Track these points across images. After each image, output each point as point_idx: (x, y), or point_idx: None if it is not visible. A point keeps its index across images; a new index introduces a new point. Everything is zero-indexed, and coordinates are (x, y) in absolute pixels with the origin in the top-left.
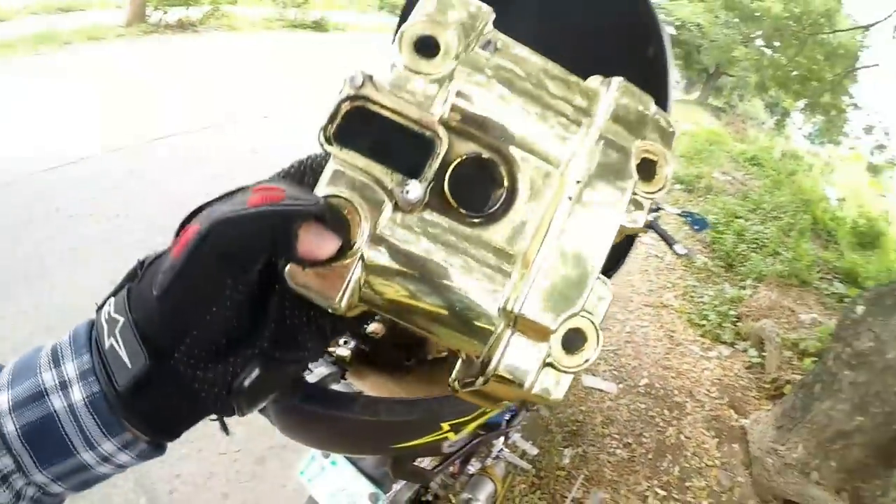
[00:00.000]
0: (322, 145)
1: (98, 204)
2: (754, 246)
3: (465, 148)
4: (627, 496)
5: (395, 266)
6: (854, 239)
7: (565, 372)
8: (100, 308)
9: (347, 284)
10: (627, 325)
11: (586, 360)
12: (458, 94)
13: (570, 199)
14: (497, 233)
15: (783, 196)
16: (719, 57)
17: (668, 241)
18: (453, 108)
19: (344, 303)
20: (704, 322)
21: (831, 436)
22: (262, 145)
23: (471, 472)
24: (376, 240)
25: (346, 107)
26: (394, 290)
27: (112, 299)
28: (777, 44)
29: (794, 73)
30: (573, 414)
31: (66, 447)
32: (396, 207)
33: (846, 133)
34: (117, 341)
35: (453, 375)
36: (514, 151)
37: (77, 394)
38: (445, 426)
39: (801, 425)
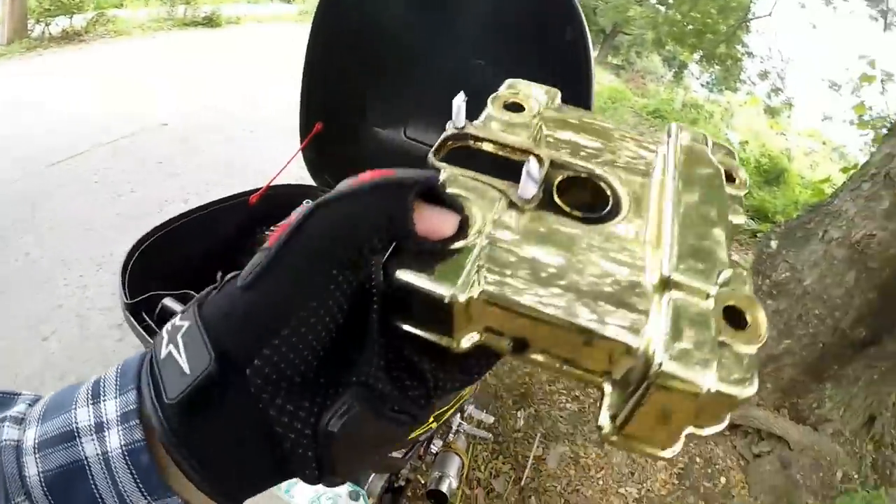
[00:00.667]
0: (431, 164)
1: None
2: None
3: (561, 174)
4: (585, 445)
5: (517, 259)
6: (759, 177)
7: (745, 354)
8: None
9: (467, 274)
10: None
11: (760, 337)
12: (547, 133)
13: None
14: (615, 227)
15: None
16: (615, 17)
17: None
18: (547, 142)
19: (463, 297)
20: None
21: (763, 360)
22: (165, 155)
23: (435, 452)
24: (498, 225)
25: (450, 144)
26: (519, 290)
27: (178, 316)
28: (671, 0)
29: (689, 27)
30: (519, 377)
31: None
32: (511, 205)
33: (743, 80)
34: (177, 347)
35: (605, 413)
36: (606, 173)
37: (114, 440)
38: (430, 418)
39: None
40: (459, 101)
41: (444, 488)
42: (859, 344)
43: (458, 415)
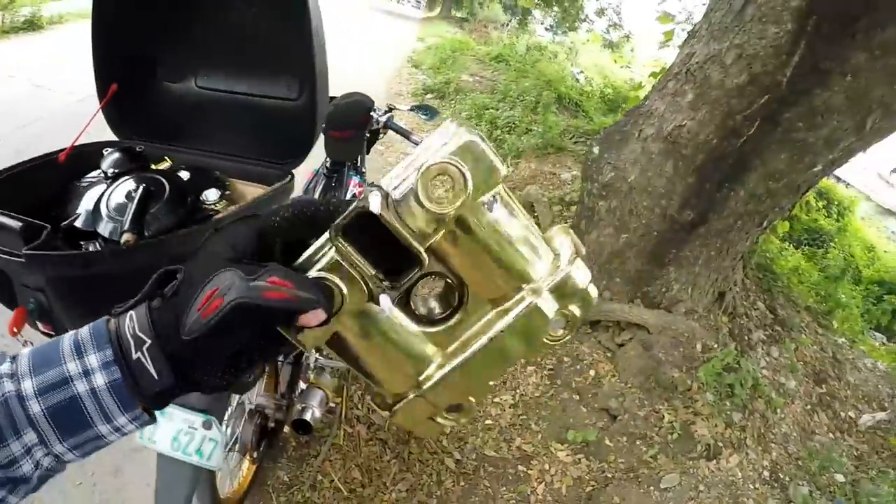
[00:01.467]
0: (332, 237)
1: None
2: (507, 129)
3: (437, 267)
4: None
5: (359, 336)
6: (603, 106)
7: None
8: (119, 314)
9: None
10: None
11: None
12: (452, 234)
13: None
14: (434, 331)
15: (528, 82)
16: None
17: (405, 134)
18: (443, 241)
19: (311, 346)
20: None
21: (607, 257)
22: None
23: (300, 391)
24: (350, 316)
25: (359, 213)
26: (349, 349)
27: (133, 314)
28: None
29: None
30: None
31: (86, 422)
32: (370, 299)
33: (582, 19)
34: (145, 357)
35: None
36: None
37: (100, 380)
38: None
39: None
40: (376, 196)
41: (307, 416)
42: (689, 226)
43: (314, 353)
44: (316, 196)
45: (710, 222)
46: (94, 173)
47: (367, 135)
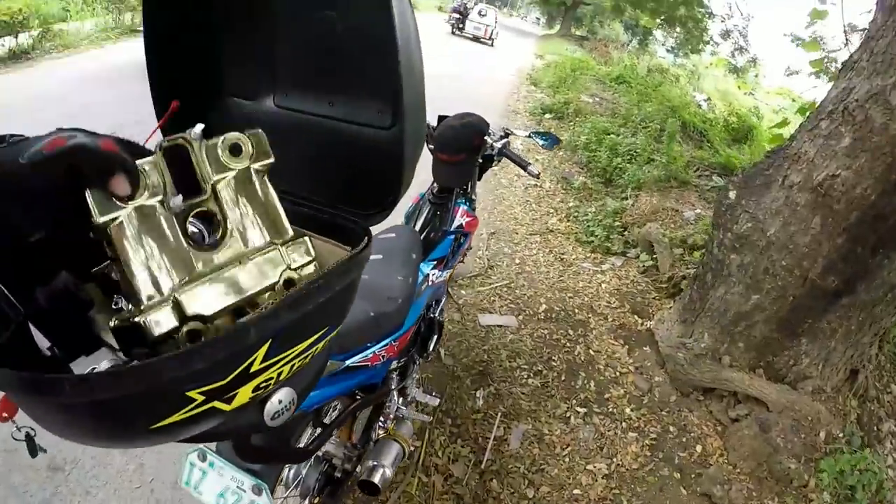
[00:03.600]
0: (156, 148)
1: None
2: (628, 157)
3: (213, 206)
4: (549, 421)
5: (137, 230)
6: (727, 136)
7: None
8: None
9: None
10: (516, 256)
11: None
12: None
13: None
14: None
15: (651, 107)
16: None
17: (521, 164)
18: (225, 187)
19: (102, 220)
20: (592, 238)
21: (733, 319)
22: None
23: (375, 439)
24: (142, 209)
25: (177, 141)
26: (125, 241)
27: None
28: None
29: None
30: (477, 355)
31: None
32: (161, 204)
33: (706, 41)
34: None
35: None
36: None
37: None
38: (196, 395)
39: (702, 315)
40: (198, 130)
41: (376, 479)
42: (832, 294)
43: (399, 399)
44: (418, 225)
45: (857, 293)
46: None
47: (480, 160)
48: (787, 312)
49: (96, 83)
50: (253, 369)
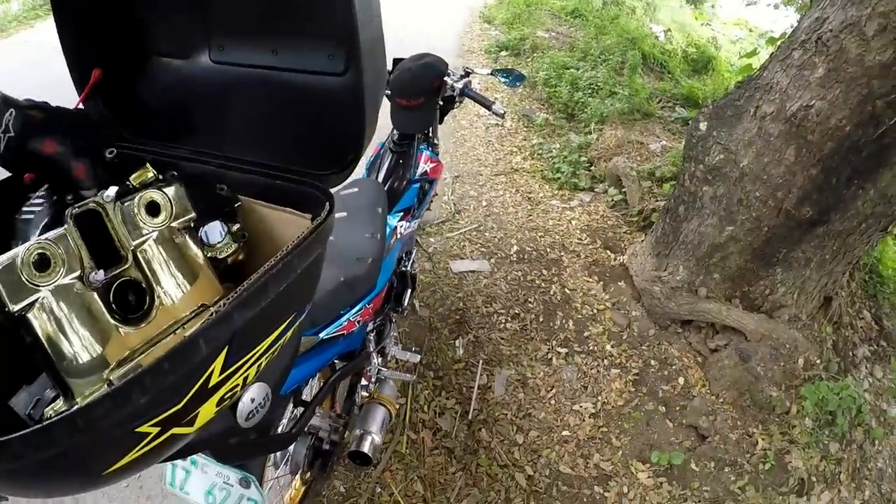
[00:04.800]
0: (65, 219)
1: None
2: (590, 91)
3: (135, 273)
4: (531, 365)
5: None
6: (687, 67)
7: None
8: None
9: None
10: (483, 199)
11: None
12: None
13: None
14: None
15: (609, 39)
16: None
17: (485, 103)
18: (147, 249)
19: (16, 307)
20: (559, 175)
21: (707, 251)
22: None
23: (360, 405)
24: (60, 290)
25: (90, 206)
26: (45, 326)
27: None
28: None
29: None
30: (452, 304)
31: None
32: (81, 280)
33: None
34: None
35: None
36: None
37: None
38: (148, 428)
39: (676, 248)
40: (111, 193)
41: (365, 448)
42: (806, 224)
43: (378, 360)
44: (381, 176)
45: (832, 222)
46: (39, 194)
47: (441, 103)
48: (762, 243)
49: (33, 69)
50: (212, 383)
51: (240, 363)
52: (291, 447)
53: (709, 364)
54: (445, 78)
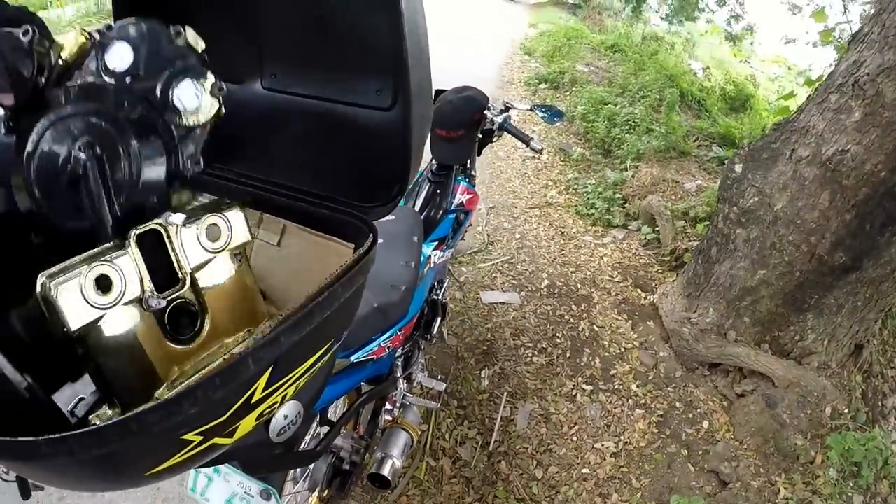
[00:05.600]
0: (128, 240)
1: None
2: (627, 128)
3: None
4: (555, 400)
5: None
6: (725, 105)
7: None
8: None
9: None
10: (517, 231)
11: None
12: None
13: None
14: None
15: (648, 76)
16: None
17: (524, 139)
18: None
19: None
20: (592, 211)
21: (738, 294)
22: None
23: (383, 428)
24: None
25: (152, 227)
26: (103, 345)
27: None
28: None
29: None
30: (480, 334)
31: None
32: (140, 303)
33: (701, 8)
34: None
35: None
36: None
37: None
38: (193, 437)
39: (707, 290)
40: (178, 219)
41: (385, 471)
42: (839, 270)
43: (404, 385)
44: (418, 205)
45: (865, 269)
46: None
47: (480, 135)
48: (794, 288)
49: None
50: (254, 399)
51: (280, 382)
52: (312, 465)
53: (734, 409)
54: (485, 111)
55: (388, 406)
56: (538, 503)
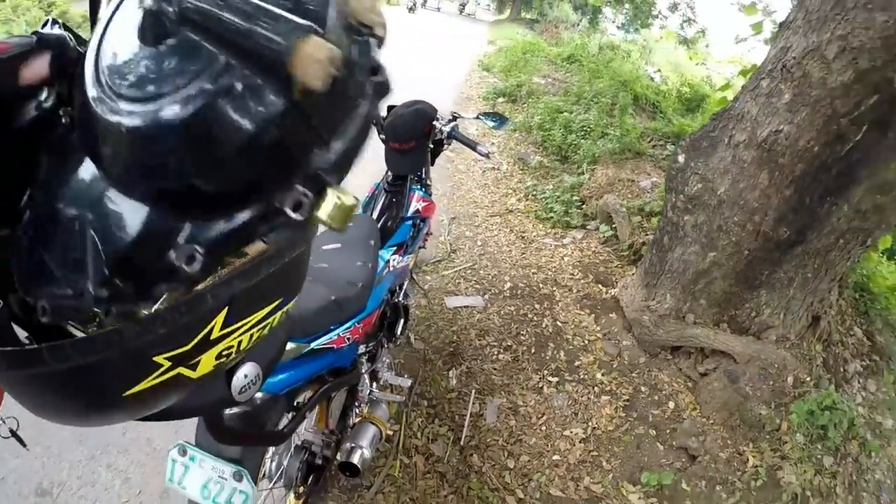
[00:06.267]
0: None
1: None
2: (583, 133)
3: None
4: (522, 393)
5: None
6: (681, 106)
7: None
8: None
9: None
10: (478, 238)
11: None
12: None
13: None
14: None
15: (602, 83)
16: None
17: (470, 145)
18: None
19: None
20: (551, 214)
21: (692, 277)
22: None
23: (352, 424)
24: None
25: None
26: None
27: None
28: None
29: None
30: (447, 337)
31: None
32: None
33: (654, 15)
34: None
35: None
36: None
37: None
38: (162, 360)
39: (663, 277)
40: None
41: (354, 459)
42: (785, 244)
43: (371, 383)
44: (376, 214)
45: (809, 241)
46: None
47: (431, 145)
48: (744, 266)
49: None
50: (213, 336)
51: (236, 325)
52: (286, 461)
53: (699, 388)
54: (435, 122)
55: (356, 404)
56: (512, 491)
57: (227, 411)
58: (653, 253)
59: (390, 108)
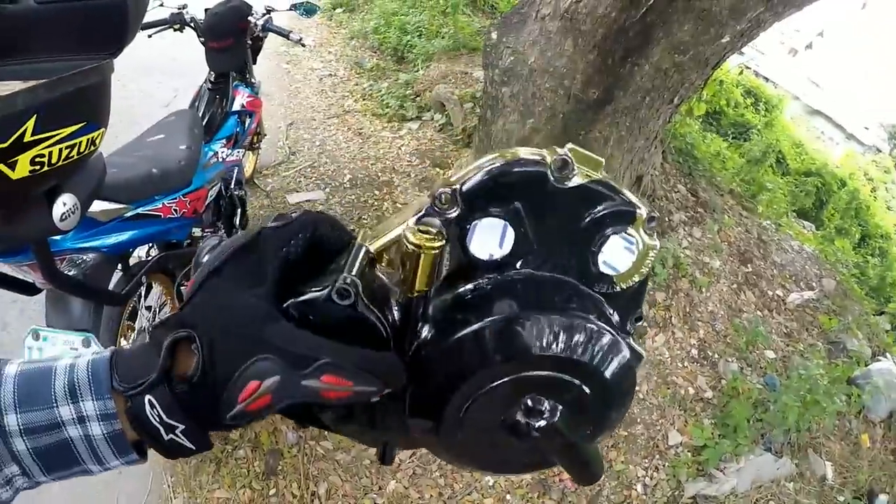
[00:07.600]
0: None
1: None
2: (418, 34)
3: None
4: None
5: None
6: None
7: None
8: (132, 394)
9: None
10: (317, 140)
11: None
12: None
13: None
14: None
15: None
16: None
17: (283, 34)
18: None
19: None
20: (387, 110)
21: (516, 145)
22: None
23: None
24: None
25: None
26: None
27: (154, 401)
28: None
29: None
30: None
31: (75, 462)
32: None
33: None
34: (180, 437)
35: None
36: None
37: (97, 429)
38: None
39: (490, 151)
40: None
41: None
42: (595, 104)
43: None
44: (201, 111)
45: (617, 99)
46: None
47: (250, 42)
48: (561, 129)
49: None
50: (26, 139)
51: (46, 135)
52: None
53: None
54: (249, 18)
55: None
56: None
57: (62, 264)
58: (479, 129)
59: (207, 9)
